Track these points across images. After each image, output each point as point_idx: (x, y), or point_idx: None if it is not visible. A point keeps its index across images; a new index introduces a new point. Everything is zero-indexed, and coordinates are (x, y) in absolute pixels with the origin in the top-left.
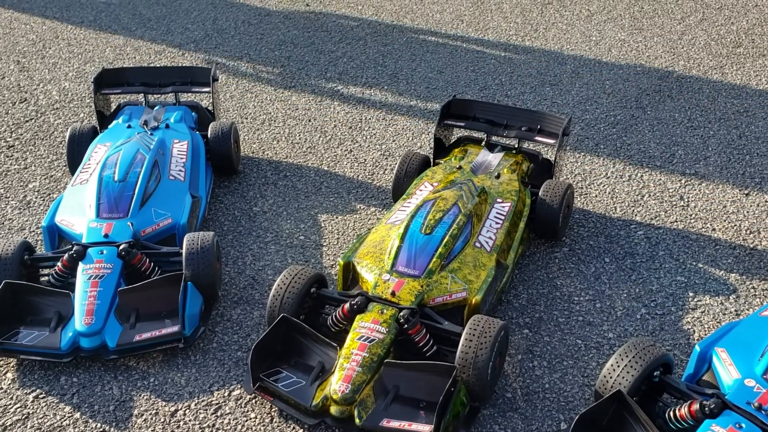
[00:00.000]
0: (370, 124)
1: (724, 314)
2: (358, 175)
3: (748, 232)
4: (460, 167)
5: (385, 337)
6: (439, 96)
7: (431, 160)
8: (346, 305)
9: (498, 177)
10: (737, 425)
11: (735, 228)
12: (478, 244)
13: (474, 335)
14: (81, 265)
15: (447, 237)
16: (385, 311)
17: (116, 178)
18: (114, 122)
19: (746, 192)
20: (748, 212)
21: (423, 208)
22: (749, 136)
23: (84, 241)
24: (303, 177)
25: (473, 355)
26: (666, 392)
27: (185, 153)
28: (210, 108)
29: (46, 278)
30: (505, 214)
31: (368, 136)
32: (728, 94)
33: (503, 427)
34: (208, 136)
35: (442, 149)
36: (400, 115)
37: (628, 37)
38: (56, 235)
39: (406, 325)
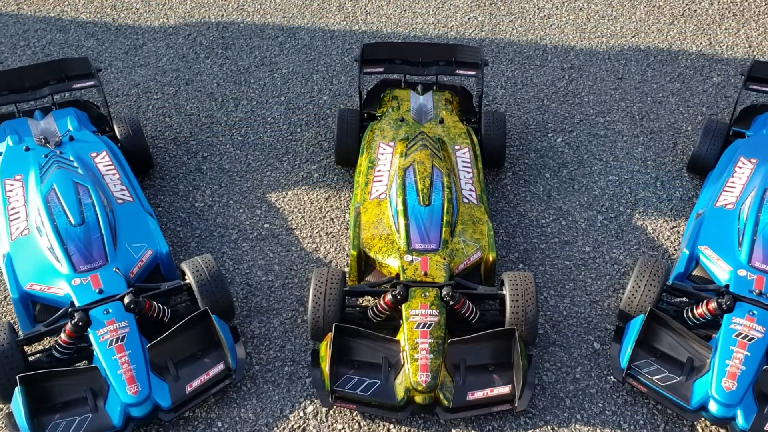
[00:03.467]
0: (253, 75)
1: (660, 202)
2: (278, 139)
3: (640, 116)
4: (402, 119)
5: (439, 319)
6: (303, 30)
7: (360, 112)
8: (388, 296)
9: (442, 122)
10: (751, 313)
11: (629, 114)
12: (465, 200)
13: (518, 294)
14: (92, 332)
15: (446, 203)
16: (427, 293)
17: (74, 222)
18: (3, 145)
19: (622, 74)
20: (633, 95)
21: (408, 178)
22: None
23: (78, 303)
24: (224, 155)
25: (524, 313)
26: (675, 295)
27: (112, 166)
28: (93, 101)
29: (38, 356)
30: (469, 160)
31: (260, 89)
32: None
33: (551, 362)
34: (118, 136)
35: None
36: (275, 56)
37: None
38: (29, 305)
39: (452, 302)
